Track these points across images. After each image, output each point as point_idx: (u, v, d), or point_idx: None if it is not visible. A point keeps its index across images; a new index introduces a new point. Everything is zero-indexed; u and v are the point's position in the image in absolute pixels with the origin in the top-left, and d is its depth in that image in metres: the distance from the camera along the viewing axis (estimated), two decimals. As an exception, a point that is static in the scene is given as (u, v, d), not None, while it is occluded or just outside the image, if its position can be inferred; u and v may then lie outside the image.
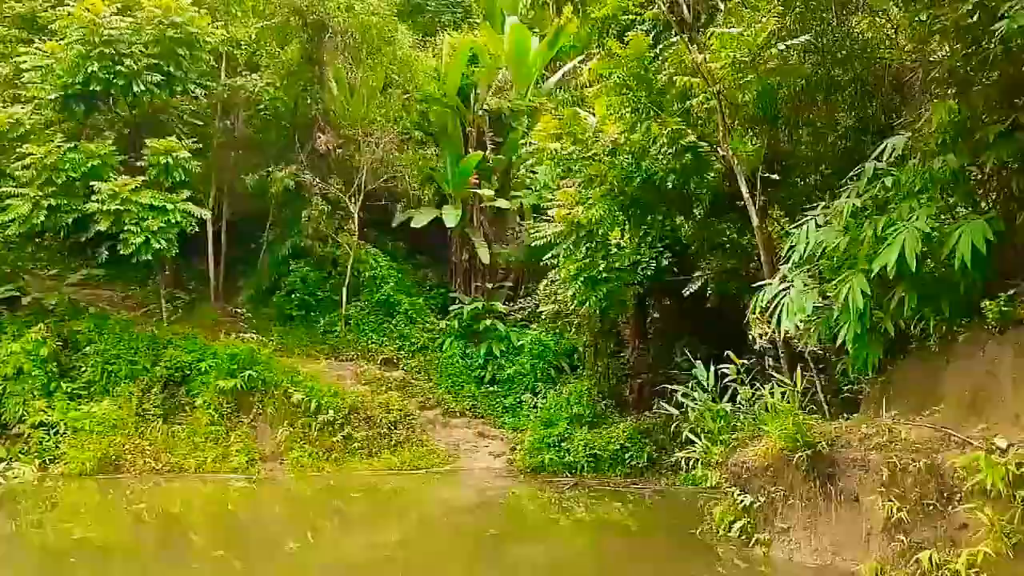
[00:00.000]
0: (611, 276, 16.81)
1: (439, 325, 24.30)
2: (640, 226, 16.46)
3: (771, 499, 10.01)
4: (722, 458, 10.96)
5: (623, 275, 16.97)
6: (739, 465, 10.63)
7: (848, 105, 14.86)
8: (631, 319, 21.44)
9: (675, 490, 16.88)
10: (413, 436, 20.72)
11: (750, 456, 10.27)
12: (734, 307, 21.34)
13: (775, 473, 9.94)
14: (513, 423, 21.85)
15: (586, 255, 16.94)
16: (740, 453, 10.76)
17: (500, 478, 19.50)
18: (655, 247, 17.82)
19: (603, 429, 18.96)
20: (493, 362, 23.27)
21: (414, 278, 25.99)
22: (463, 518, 16.92)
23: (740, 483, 10.57)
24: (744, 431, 10.94)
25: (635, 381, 21.37)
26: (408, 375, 22.80)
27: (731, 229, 17.58)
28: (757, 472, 10.23)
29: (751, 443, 10.73)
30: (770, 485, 10.06)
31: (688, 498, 16.22)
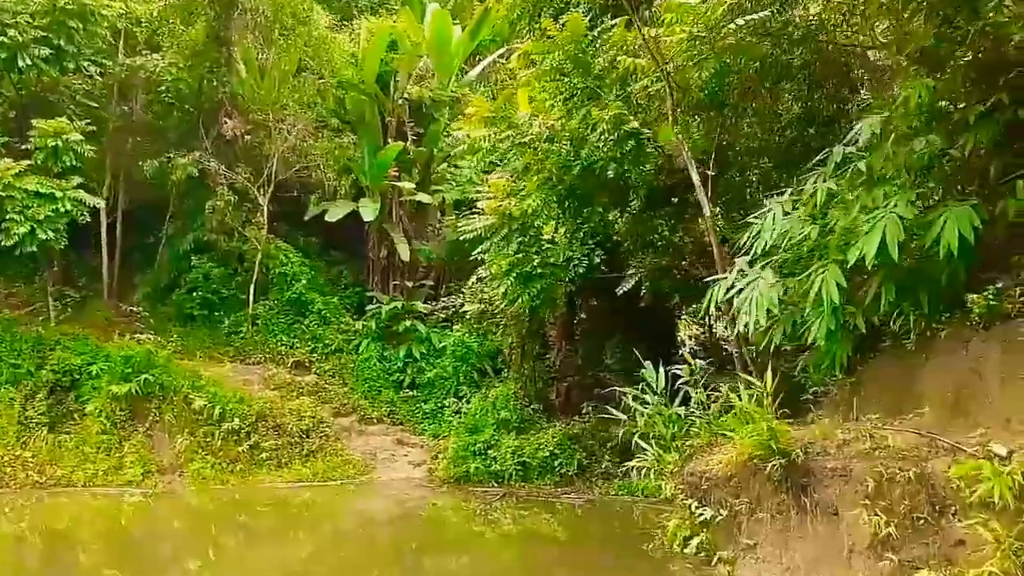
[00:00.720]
0: (545, 272, 15.74)
1: (355, 326, 22.83)
2: (577, 219, 15.47)
3: (734, 512, 9.06)
4: (676, 467, 9.99)
5: (557, 271, 15.92)
6: (696, 475, 9.67)
7: (795, 94, 14.25)
8: (558, 319, 20.46)
9: (610, 499, 15.95)
10: (327, 445, 19.31)
11: (711, 465, 9.31)
12: (663, 307, 20.77)
13: (740, 484, 8.99)
14: (434, 430, 20.63)
15: (519, 250, 15.86)
16: (697, 462, 9.81)
17: (421, 488, 18.24)
18: (587, 243, 16.87)
19: (531, 435, 17.91)
20: (413, 365, 21.98)
21: (328, 276, 24.42)
22: (380, 531, 15.68)
23: (698, 495, 9.61)
24: (700, 437, 10.00)
25: (561, 384, 20.41)
26: (321, 379, 21.33)
27: (664, 226, 16.80)
28: (718, 483, 9.28)
29: (709, 451, 9.80)
30: (733, 497, 9.11)
31: (623, 507, 15.43)
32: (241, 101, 22.46)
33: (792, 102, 14.60)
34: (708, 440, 9.91)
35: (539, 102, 14.59)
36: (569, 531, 14.64)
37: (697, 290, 20.88)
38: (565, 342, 20.74)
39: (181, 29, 22.13)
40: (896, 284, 8.47)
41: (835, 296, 8.34)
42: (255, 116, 22.34)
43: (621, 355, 18.40)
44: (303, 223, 24.26)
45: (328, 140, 22.59)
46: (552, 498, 16.38)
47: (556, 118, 14.19)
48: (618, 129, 13.08)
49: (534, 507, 16.00)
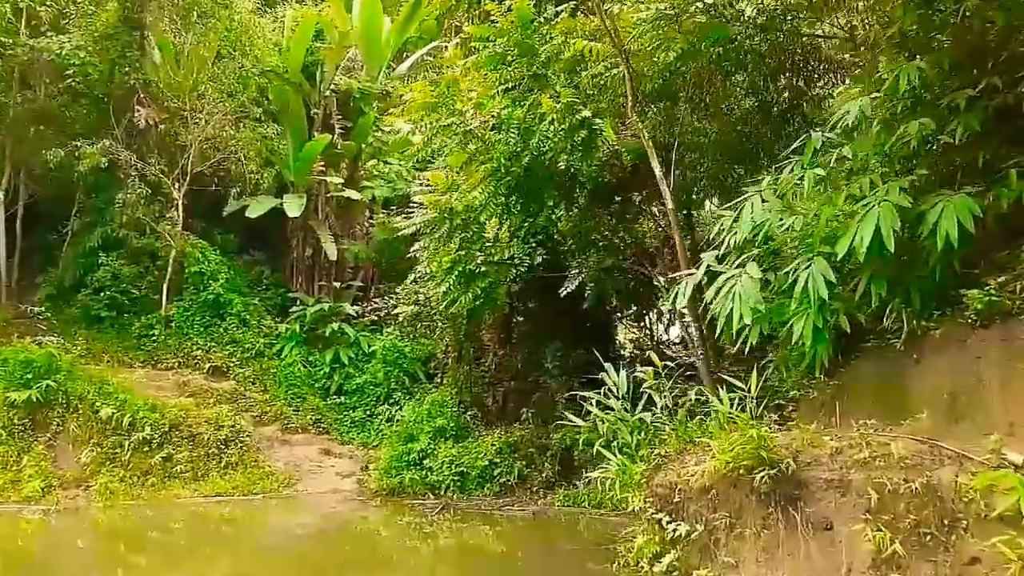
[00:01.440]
0: (489, 270, 14.84)
1: (277, 329, 21.52)
2: (524, 214, 14.60)
3: (712, 528, 8.28)
4: (644, 478, 9.18)
5: (501, 270, 15.06)
6: (667, 487, 8.86)
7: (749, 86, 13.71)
8: (495, 322, 19.60)
9: (554, 511, 15.08)
10: (247, 456, 18.00)
11: (684, 476, 8.52)
12: (602, 310, 20.08)
13: (718, 496, 8.22)
14: (364, 439, 19.55)
15: (461, 246, 14.90)
16: (667, 472, 9.01)
17: (350, 501, 17.11)
18: (528, 241, 16.06)
19: (469, 444, 16.97)
20: (340, 371, 20.83)
21: (248, 276, 22.99)
22: (305, 547, 14.41)
23: (669, 508, 8.80)
24: (669, 445, 9.21)
25: (498, 390, 19.58)
26: (241, 386, 19.95)
27: (606, 225, 16.13)
28: (693, 495, 8.49)
29: (679, 460, 9.01)
30: (710, 511, 8.33)
31: (568, 519, 14.63)
32: (155, 88, 20.89)
33: (744, 96, 14.11)
34: (678, 448, 9.13)
35: (483, 90, 13.68)
36: (512, 546, 13.69)
37: (639, 292, 20.68)
38: (500, 346, 19.92)
39: (90, 10, 20.39)
40: (887, 278, 7.86)
41: (823, 291, 7.68)
42: (170, 104, 20.79)
43: (561, 359, 17.61)
44: (221, 219, 22.83)
45: (250, 130, 21.18)
46: (493, 510, 15.41)
47: (501, 107, 13.31)
48: (569, 118, 12.26)
49: (474, 520, 15.03)
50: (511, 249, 14.92)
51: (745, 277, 8.08)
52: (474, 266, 14.74)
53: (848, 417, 8.30)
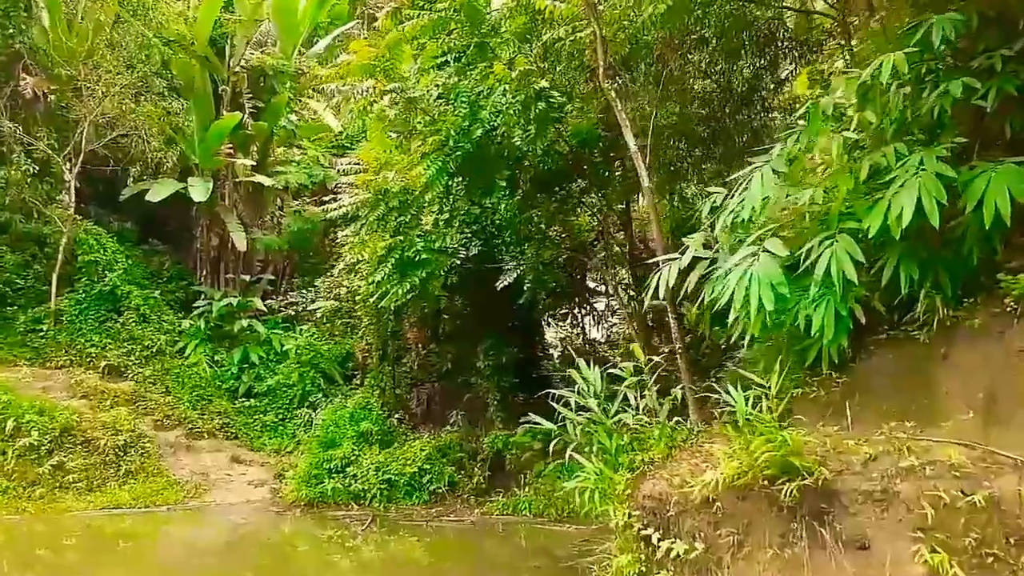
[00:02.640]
0: (429, 258, 13.52)
1: (180, 325, 19.68)
2: (468, 197, 13.38)
3: (713, 547, 7.21)
4: (627, 488, 8.04)
5: (441, 259, 13.76)
6: (657, 498, 7.73)
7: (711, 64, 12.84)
8: (420, 319, 18.33)
9: (495, 520, 13.90)
10: (148, 464, 16.28)
11: (679, 486, 7.43)
12: (532, 307, 19.01)
13: (724, 510, 7.15)
14: (276, 444, 18.00)
15: (398, 231, 13.53)
16: (655, 481, 7.91)
17: (264, 513, 15.57)
18: (464, 231, 14.87)
19: (395, 449, 15.72)
20: (250, 371, 19.20)
21: (148, 267, 21.03)
22: (212, 564, 12.88)
23: (658, 523, 7.67)
24: (654, 451, 8.12)
25: (422, 391, 18.35)
26: (140, 387, 18.09)
27: (544, 216, 15.06)
28: (690, 509, 7.37)
29: (666, 467, 7.93)
30: (711, 527, 7.25)
31: (508, 529, 13.50)
32: (43, 55, 18.75)
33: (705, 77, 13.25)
34: (664, 454, 8.05)
35: (426, 58, 12.36)
36: (463, 563, 12.37)
37: (571, 289, 19.69)
38: (425, 344, 18.67)
39: (-35, -37, 18.25)
40: (917, 261, 6.94)
41: (851, 272, 6.68)
42: (61, 73, 18.66)
43: (494, 358, 16.45)
44: (118, 205, 20.85)
45: (152, 105, 19.23)
46: (427, 520, 14.13)
47: (447, 75, 12.03)
48: (525, 89, 11.07)
49: (408, 532, 13.67)
50: (449, 237, 13.65)
51: (765, 256, 7.00)
52: (413, 253, 13.44)
53: (862, 419, 7.35)
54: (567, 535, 12.29)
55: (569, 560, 9.58)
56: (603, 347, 20.39)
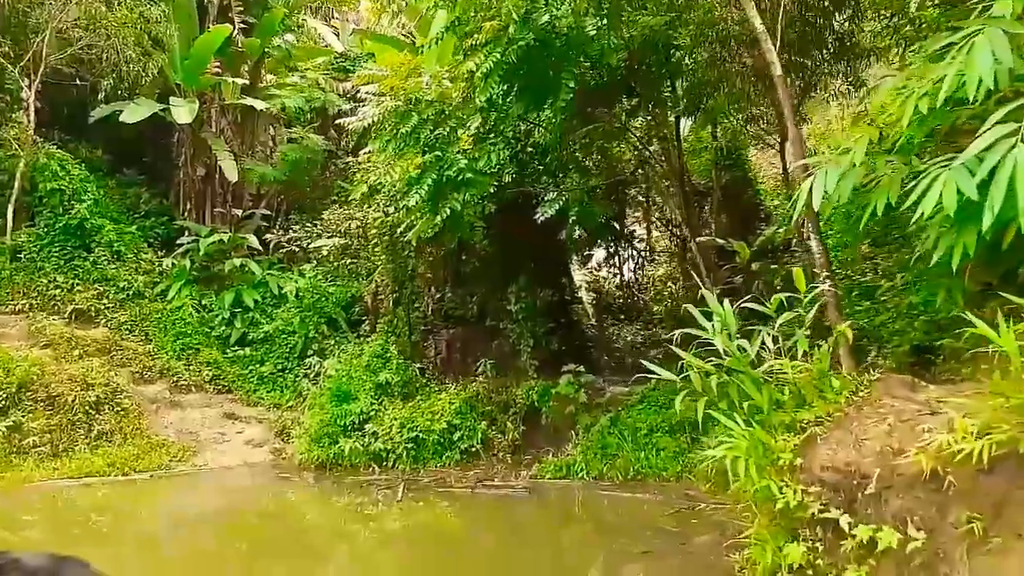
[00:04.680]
0: (474, 179, 11.10)
1: (162, 265, 17.11)
2: (525, 104, 10.98)
3: (940, 535, 4.94)
4: (792, 455, 5.82)
5: (484, 180, 11.36)
6: (843, 471, 5.58)
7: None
8: (438, 257, 15.97)
9: (551, 485, 11.54)
10: (127, 423, 13.89)
11: (875, 453, 5.23)
12: (560, 246, 16.73)
13: (959, 488, 4.88)
14: (275, 398, 15.65)
15: (433, 146, 11.13)
16: (835, 448, 5.70)
17: (266, 477, 13.24)
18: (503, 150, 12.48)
19: (420, 402, 13.37)
20: (244, 316, 16.73)
21: (123, 200, 18.37)
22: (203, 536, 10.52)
23: (846, 503, 5.51)
24: (819, 407, 5.92)
25: (439, 337, 16.00)
26: (115, 334, 15.58)
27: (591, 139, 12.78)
28: (899, 484, 5.18)
29: (851, 429, 5.71)
30: (936, 511, 4.99)
31: (583, 499, 11.04)
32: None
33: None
34: (834, 412, 5.90)
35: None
36: (533, 548, 9.55)
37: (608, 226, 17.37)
38: (442, 286, 16.35)
39: None
40: None
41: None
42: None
43: (527, 301, 14.14)
44: (87, 129, 18.16)
45: (127, 9, 16.43)
46: (466, 486, 11.70)
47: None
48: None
49: (444, 501, 11.24)
50: (493, 155, 11.24)
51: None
52: (454, 172, 11.02)
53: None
54: (651, 506, 10.08)
55: (684, 542, 7.33)
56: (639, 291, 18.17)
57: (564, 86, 9.98)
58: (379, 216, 14.28)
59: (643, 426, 11.86)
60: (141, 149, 18.93)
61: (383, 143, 11.90)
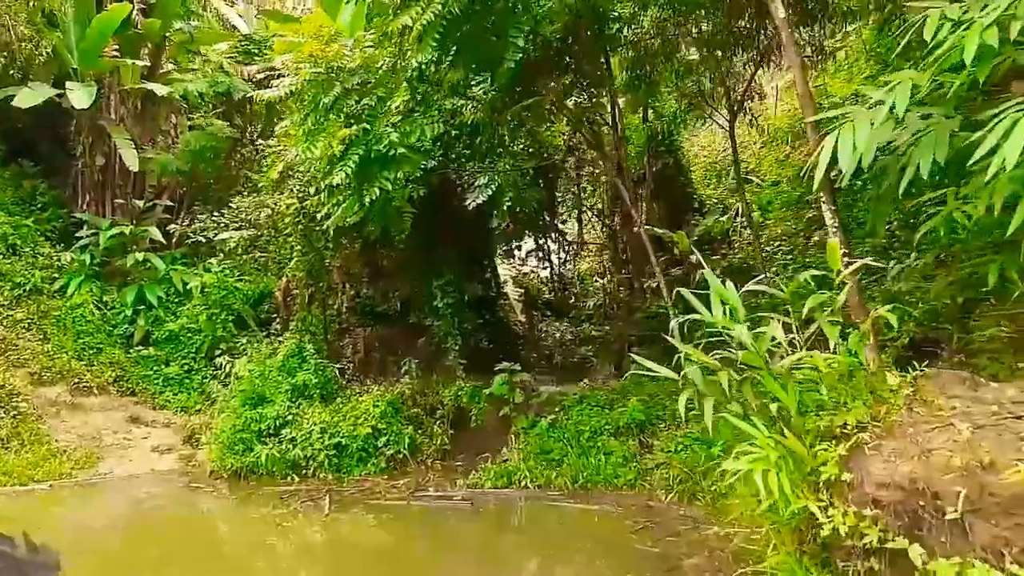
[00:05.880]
0: (405, 155, 10.59)
1: (60, 260, 16.24)
2: (460, 74, 10.57)
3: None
4: (837, 469, 5.12)
5: (416, 158, 10.84)
6: (908, 488, 4.81)
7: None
8: (357, 249, 15.61)
9: (486, 495, 11.17)
10: (24, 428, 13.16)
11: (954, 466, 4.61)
12: (484, 238, 16.53)
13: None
14: (182, 401, 15.05)
15: (359, 118, 10.60)
16: (892, 462, 4.96)
17: (175, 486, 12.67)
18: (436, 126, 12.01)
19: (341, 406, 12.93)
20: (147, 314, 16.05)
21: (17, 191, 17.33)
22: (110, 549, 10.00)
23: (912, 529, 4.75)
24: (858, 410, 5.43)
25: (355, 335, 15.67)
26: (10, 332, 14.76)
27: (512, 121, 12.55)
28: (990, 507, 4.47)
29: (906, 435, 5.00)
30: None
31: (514, 507, 10.68)
32: None
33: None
34: (891, 415, 5.28)
35: None
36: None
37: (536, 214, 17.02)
38: (358, 282, 16.05)
39: None
40: None
41: None
42: None
43: (454, 295, 13.91)
44: (-26, 116, 17.02)
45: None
46: (399, 497, 11.26)
47: None
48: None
49: (378, 514, 10.72)
50: (426, 129, 10.74)
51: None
52: (385, 147, 10.41)
53: None
54: (611, 521, 9.70)
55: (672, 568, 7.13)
56: (567, 285, 18.07)
57: (511, 47, 9.36)
58: (293, 203, 13.74)
59: (586, 429, 11.60)
60: (36, 138, 17.88)
61: (301, 117, 11.25)
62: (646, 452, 11.23)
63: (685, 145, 17.70)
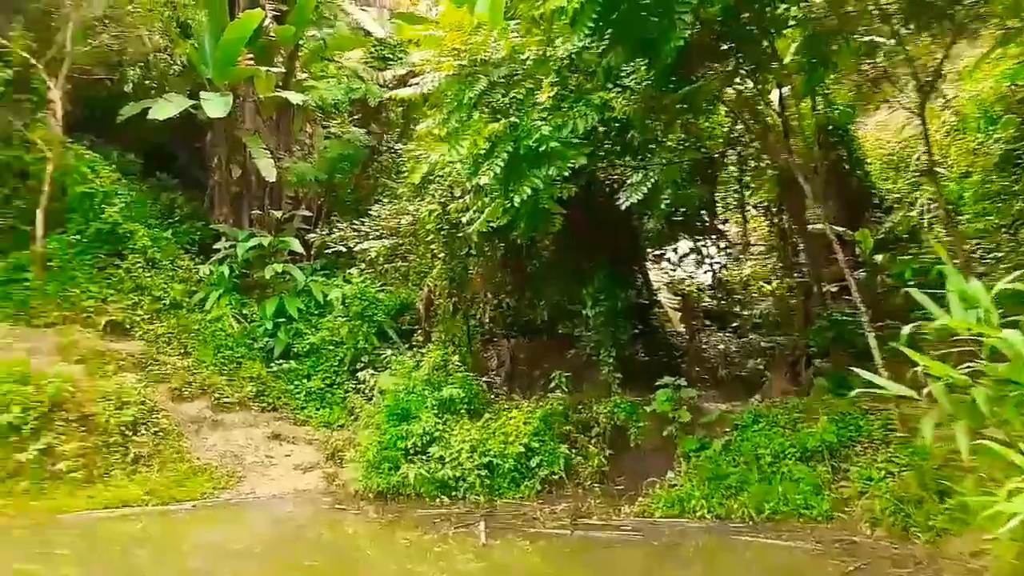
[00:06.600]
0: (558, 150, 9.55)
1: (199, 272, 15.94)
2: (619, 62, 9.46)
3: None
4: None
5: (570, 153, 9.76)
6: None
7: None
8: (499, 256, 14.72)
9: (659, 525, 9.93)
10: (165, 445, 12.73)
11: None
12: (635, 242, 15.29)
13: None
14: (325, 416, 14.43)
15: (506, 112, 9.65)
16: None
17: (320, 507, 11.97)
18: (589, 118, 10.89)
19: (490, 422, 11.97)
20: (287, 327, 15.49)
21: (156, 204, 17.20)
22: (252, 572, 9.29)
23: None
24: None
25: (500, 347, 14.76)
26: (151, 347, 14.44)
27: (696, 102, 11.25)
28: None
29: None
30: None
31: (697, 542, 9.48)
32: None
33: None
34: None
35: None
36: None
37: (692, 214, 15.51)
38: (491, 292, 15.14)
39: None
40: None
41: None
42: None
43: (607, 304, 12.72)
44: (118, 131, 16.99)
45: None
46: (560, 527, 10.17)
47: None
48: None
49: (540, 545, 9.72)
50: (579, 121, 9.64)
51: None
52: (535, 141, 9.37)
53: None
54: (814, 559, 8.45)
55: None
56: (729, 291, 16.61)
57: (678, 24, 8.07)
58: (435, 208, 12.96)
59: (766, 452, 10.23)
60: (174, 152, 17.90)
61: (444, 116, 10.38)
62: (840, 479, 9.83)
63: (859, 135, 15.92)
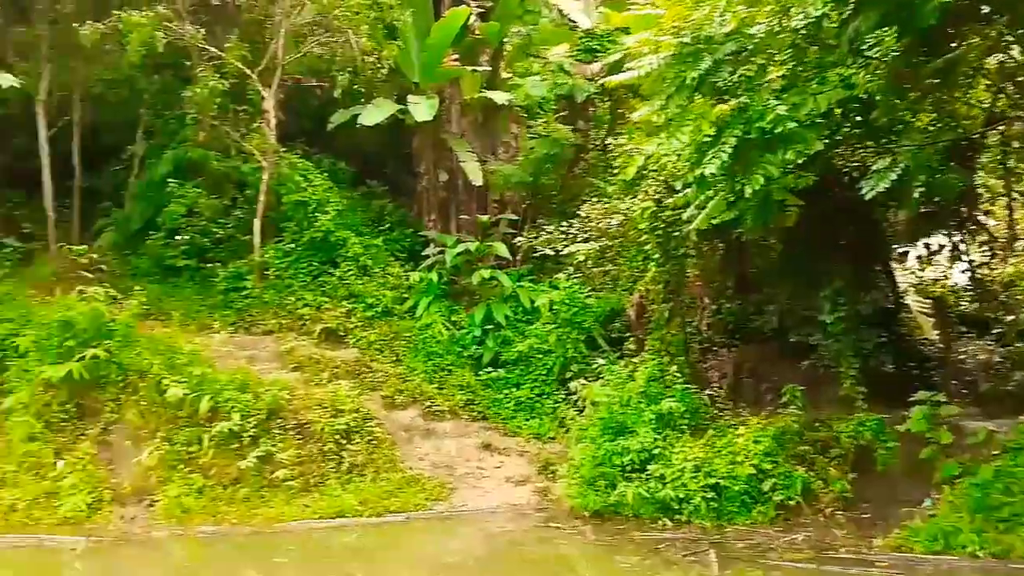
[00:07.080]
0: (796, 132, 8.42)
1: (409, 279, 15.82)
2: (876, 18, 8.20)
3: None
4: None
5: (809, 135, 8.56)
6: None
7: None
8: (718, 256, 13.65)
9: (918, 561, 8.68)
10: (379, 454, 12.55)
11: None
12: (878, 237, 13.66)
13: None
14: (535, 428, 13.86)
15: (734, 92, 8.61)
16: None
17: (533, 523, 11.41)
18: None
19: (714, 439, 10.91)
20: (495, 334, 15.05)
21: (367, 213, 17.30)
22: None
23: None
24: None
25: (722, 358, 13.65)
26: (364, 355, 14.38)
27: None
28: None
29: None
30: None
31: None
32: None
33: None
34: None
35: None
36: None
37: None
38: (710, 297, 14.08)
39: None
40: None
41: None
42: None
43: (847, 309, 11.27)
44: (328, 140, 17.30)
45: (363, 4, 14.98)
46: (803, 558, 9.10)
47: None
48: None
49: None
50: (818, 99, 8.42)
51: None
52: (769, 123, 8.33)
53: None
54: None
55: None
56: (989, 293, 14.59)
57: None
58: (649, 206, 12.05)
59: None
60: (383, 159, 17.97)
61: (662, 102, 9.47)
62: None
63: None
